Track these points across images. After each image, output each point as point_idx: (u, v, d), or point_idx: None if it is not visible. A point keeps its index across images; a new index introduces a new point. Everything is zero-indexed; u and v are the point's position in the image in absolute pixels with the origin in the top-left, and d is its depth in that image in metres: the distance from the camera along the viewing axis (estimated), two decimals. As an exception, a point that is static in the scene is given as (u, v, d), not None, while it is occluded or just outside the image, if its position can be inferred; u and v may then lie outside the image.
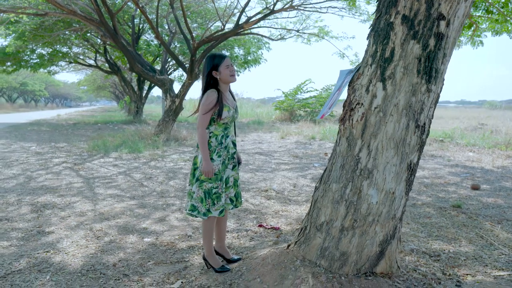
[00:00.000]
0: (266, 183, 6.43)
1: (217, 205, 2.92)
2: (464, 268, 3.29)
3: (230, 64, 2.90)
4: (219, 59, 2.91)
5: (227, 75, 2.90)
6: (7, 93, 55.11)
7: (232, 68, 2.93)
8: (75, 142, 12.02)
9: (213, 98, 2.89)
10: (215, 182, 2.91)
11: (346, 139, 2.64)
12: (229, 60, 2.93)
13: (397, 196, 2.57)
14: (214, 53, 2.98)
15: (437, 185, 6.57)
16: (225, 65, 2.89)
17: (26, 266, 3.15)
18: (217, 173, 2.92)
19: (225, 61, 2.90)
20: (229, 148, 3.04)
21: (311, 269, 2.67)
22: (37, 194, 5.52)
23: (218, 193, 2.92)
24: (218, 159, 2.94)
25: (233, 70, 2.94)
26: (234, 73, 2.94)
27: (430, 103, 2.52)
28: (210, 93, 2.91)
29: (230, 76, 2.92)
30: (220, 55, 2.95)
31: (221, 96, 2.94)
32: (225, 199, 3.01)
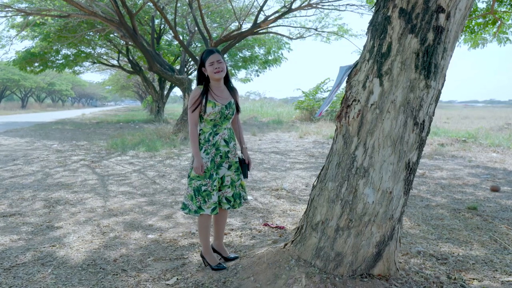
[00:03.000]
0: (278, 182, 6.39)
1: (208, 202, 2.88)
2: (472, 272, 3.16)
3: (215, 61, 2.85)
4: (206, 55, 2.89)
5: (211, 71, 2.87)
6: (36, 93, 56.89)
7: (218, 64, 2.85)
8: (96, 140, 12.28)
9: (195, 94, 2.91)
10: (204, 180, 2.89)
11: (342, 136, 2.58)
12: (217, 56, 2.87)
13: (394, 196, 2.49)
14: (207, 48, 2.98)
15: (454, 186, 6.37)
16: (209, 62, 2.86)
17: (31, 259, 3.22)
18: (206, 171, 2.90)
19: (210, 57, 2.86)
20: (218, 146, 2.97)
21: (305, 269, 2.62)
22: (52, 190, 5.66)
23: (207, 191, 2.88)
24: (206, 157, 2.92)
25: (219, 67, 2.86)
26: (219, 70, 2.86)
27: (430, 99, 2.43)
28: (194, 89, 2.96)
29: (214, 73, 2.86)
30: (208, 50, 2.91)
31: (208, 92, 2.92)
32: (218, 197, 2.96)
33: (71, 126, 18.67)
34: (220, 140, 2.98)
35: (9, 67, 35.76)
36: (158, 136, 12.09)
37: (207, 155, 2.93)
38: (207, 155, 2.93)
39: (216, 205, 2.91)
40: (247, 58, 20.55)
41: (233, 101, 3.03)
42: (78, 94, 74.14)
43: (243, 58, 20.67)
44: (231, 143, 3.05)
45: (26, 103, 52.56)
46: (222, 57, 2.93)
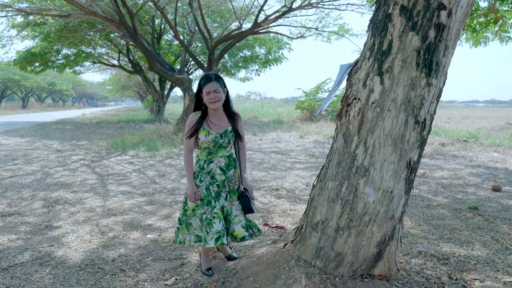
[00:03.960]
0: (278, 182, 6.36)
1: (210, 232, 2.69)
2: (473, 272, 3.14)
3: (212, 90, 2.72)
4: (203, 82, 2.77)
5: (207, 101, 2.76)
6: (37, 93, 56.92)
7: (215, 94, 2.73)
8: (96, 140, 12.26)
9: (191, 120, 2.83)
10: (202, 207, 2.78)
11: (343, 135, 2.55)
12: (214, 85, 2.74)
13: (395, 195, 2.47)
14: (206, 74, 2.84)
15: (455, 186, 6.34)
16: (205, 91, 2.75)
17: (29, 259, 3.20)
18: (203, 198, 2.79)
19: (207, 86, 2.74)
20: (214, 174, 2.84)
21: (305, 269, 2.59)
22: (51, 190, 5.64)
23: (208, 219, 2.73)
24: (201, 184, 2.83)
25: (215, 96, 2.73)
26: (215, 100, 2.74)
27: (431, 98, 2.40)
28: (191, 115, 2.87)
29: (210, 103, 2.76)
30: (207, 78, 2.79)
31: (205, 119, 2.84)
32: (221, 225, 2.73)
33: (71, 126, 18.66)
34: (215, 168, 2.86)
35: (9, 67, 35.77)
36: (159, 136, 12.07)
37: (201, 183, 2.84)
38: (201, 183, 2.84)
39: (220, 235, 2.68)
40: (247, 58, 20.51)
41: (230, 129, 2.88)
42: (78, 94, 74.16)
43: (243, 57, 20.63)
44: (229, 171, 2.90)
45: (27, 103, 52.59)
46: (221, 84, 2.80)
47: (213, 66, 12.09)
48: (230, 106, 2.96)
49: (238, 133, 2.92)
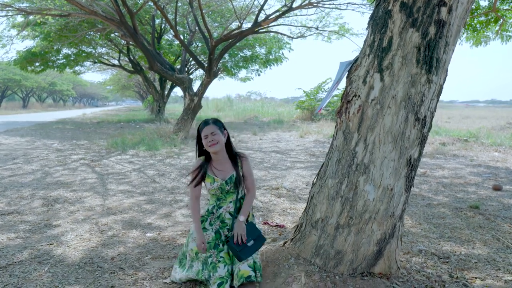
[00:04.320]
0: (278, 181, 6.35)
1: (213, 277, 2.57)
2: (474, 271, 3.12)
3: (209, 133, 2.66)
4: (201, 127, 2.72)
5: (206, 145, 2.69)
6: (37, 93, 56.93)
7: (212, 137, 2.66)
8: (96, 140, 12.25)
9: (195, 167, 2.79)
10: (209, 251, 2.68)
11: (343, 132, 2.53)
12: (211, 128, 2.67)
13: (395, 192, 2.45)
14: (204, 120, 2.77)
15: (456, 185, 6.32)
16: (203, 135, 2.70)
17: (28, 257, 3.19)
18: (210, 241, 2.70)
19: (204, 130, 2.69)
20: (223, 219, 2.78)
21: (304, 267, 2.58)
22: (51, 189, 5.63)
23: (213, 263, 2.62)
24: (210, 227, 2.78)
25: (213, 139, 2.66)
26: (213, 143, 2.66)
27: (432, 95, 2.39)
28: (195, 162, 2.83)
29: (209, 146, 2.68)
30: (204, 122, 2.73)
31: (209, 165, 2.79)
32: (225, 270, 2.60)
33: (71, 125, 18.65)
34: (224, 213, 2.80)
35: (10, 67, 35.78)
36: (159, 136, 12.06)
37: (211, 226, 2.79)
38: (211, 226, 2.79)
39: (223, 281, 2.55)
40: (247, 58, 20.48)
41: (235, 174, 2.77)
42: (79, 94, 74.18)
43: (243, 57, 20.61)
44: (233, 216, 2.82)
45: (27, 103, 52.60)
46: (219, 126, 2.73)
47: (213, 66, 12.06)
48: (232, 147, 2.85)
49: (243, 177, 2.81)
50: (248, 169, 2.82)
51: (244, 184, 2.83)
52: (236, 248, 2.56)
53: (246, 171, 2.82)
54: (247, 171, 2.82)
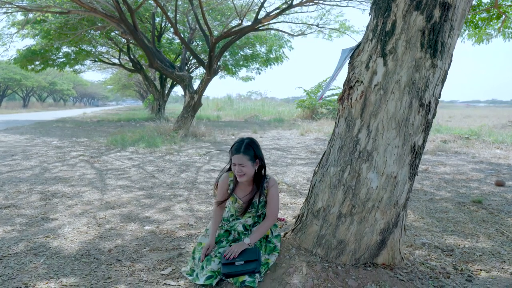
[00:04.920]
0: (279, 177, 6.28)
1: (205, 269, 2.50)
2: (479, 263, 3.06)
3: (238, 164, 2.60)
4: (233, 151, 2.67)
5: (234, 172, 2.67)
6: (38, 93, 56.91)
7: (240, 168, 2.60)
8: (96, 137, 12.20)
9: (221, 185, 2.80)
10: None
11: (345, 119, 2.47)
12: (240, 158, 2.59)
13: (399, 180, 2.39)
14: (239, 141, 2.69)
15: (458, 181, 6.26)
16: (233, 162, 2.66)
17: (24, 249, 3.13)
18: (217, 237, 2.74)
19: (234, 157, 2.64)
20: (236, 227, 2.80)
21: (306, 257, 2.52)
22: (49, 184, 5.57)
23: (210, 256, 2.58)
24: (222, 230, 2.82)
25: (241, 171, 2.61)
26: (240, 174, 2.62)
27: (436, 80, 2.33)
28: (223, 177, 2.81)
29: (236, 174, 2.65)
30: (236, 148, 2.65)
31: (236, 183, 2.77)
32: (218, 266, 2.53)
33: (71, 124, 18.60)
34: (238, 225, 2.80)
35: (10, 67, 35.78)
36: (159, 133, 12.00)
37: (222, 229, 2.82)
38: (222, 228, 2.82)
39: (213, 275, 2.46)
40: (248, 56, 20.44)
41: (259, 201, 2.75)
42: (79, 94, 74.15)
43: (244, 56, 20.56)
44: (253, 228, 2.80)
45: (28, 102, 52.54)
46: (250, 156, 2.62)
47: (213, 63, 12.00)
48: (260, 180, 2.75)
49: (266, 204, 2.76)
50: (273, 197, 2.75)
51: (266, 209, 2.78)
52: (222, 260, 2.50)
53: (271, 198, 2.75)
54: (271, 199, 2.75)
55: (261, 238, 2.71)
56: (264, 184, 2.76)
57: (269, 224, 2.72)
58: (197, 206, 4.56)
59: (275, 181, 2.79)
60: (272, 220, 2.73)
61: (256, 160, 2.68)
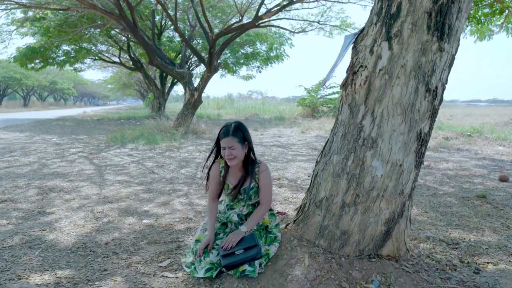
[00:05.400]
0: (280, 173, 6.21)
1: (203, 261, 2.43)
2: (485, 256, 2.98)
3: (228, 147, 2.52)
4: (221, 135, 2.58)
5: (223, 155, 2.59)
6: (38, 92, 56.84)
7: (230, 151, 2.52)
8: (95, 135, 12.13)
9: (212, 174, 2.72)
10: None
11: (348, 106, 2.39)
12: (229, 140, 2.52)
13: (405, 168, 2.31)
14: (226, 125, 2.61)
15: (461, 176, 6.18)
16: (222, 146, 2.58)
17: (19, 242, 3.05)
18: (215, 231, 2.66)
19: (223, 140, 2.56)
20: (231, 220, 2.71)
21: (308, 249, 2.44)
22: (47, 179, 5.49)
23: (206, 248, 2.52)
24: (218, 223, 2.73)
25: (231, 154, 2.52)
26: (230, 157, 2.53)
27: (443, 64, 2.24)
28: (213, 167, 2.73)
29: (226, 159, 2.57)
30: (224, 131, 2.57)
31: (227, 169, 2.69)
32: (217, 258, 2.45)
33: (71, 122, 18.52)
34: (233, 215, 2.72)
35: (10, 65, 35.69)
36: (159, 131, 11.92)
37: (218, 222, 2.74)
38: (219, 222, 2.74)
39: (212, 267, 2.40)
40: (248, 55, 20.33)
41: (252, 186, 2.66)
42: (80, 93, 74.08)
43: (244, 54, 20.45)
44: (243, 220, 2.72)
45: (28, 101, 52.44)
46: (239, 139, 2.56)
47: (213, 60, 11.92)
48: (250, 163, 2.68)
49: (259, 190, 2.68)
50: (265, 182, 2.66)
51: (259, 195, 2.69)
52: (221, 252, 2.42)
53: (263, 183, 2.66)
54: (264, 184, 2.66)
55: (260, 229, 2.64)
56: (256, 168, 2.68)
57: (264, 210, 2.64)
58: (196, 200, 4.48)
59: (267, 166, 2.71)
60: (266, 206, 2.65)
61: (245, 142, 2.61)
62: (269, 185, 2.66)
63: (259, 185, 2.67)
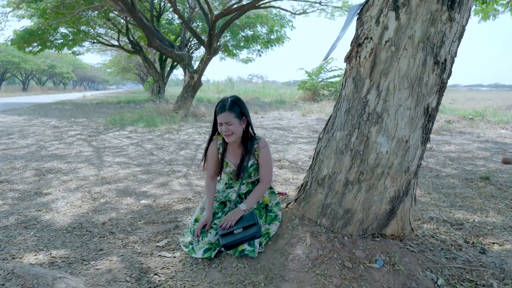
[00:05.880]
0: (280, 154, 6.12)
1: (201, 242, 2.36)
2: (491, 237, 2.92)
3: (224, 122, 2.40)
4: (218, 110, 2.45)
5: (220, 131, 2.46)
6: (37, 76, 56.41)
7: (227, 127, 2.40)
8: (94, 118, 12.03)
9: (211, 152, 2.61)
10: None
11: (353, 79, 2.28)
12: (226, 116, 2.39)
13: (411, 145, 2.22)
14: (222, 100, 2.47)
15: (464, 159, 6.10)
16: (218, 121, 2.45)
17: (14, 223, 2.98)
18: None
19: (219, 116, 2.42)
20: (230, 199, 2.63)
21: (310, 228, 2.36)
22: (44, 160, 5.42)
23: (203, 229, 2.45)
24: (216, 203, 2.65)
25: (228, 130, 2.40)
26: (227, 133, 2.41)
27: (453, 35, 2.13)
28: (211, 144, 2.62)
29: (224, 135, 2.45)
30: (221, 106, 2.44)
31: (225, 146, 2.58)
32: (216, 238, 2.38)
33: (71, 106, 18.39)
34: (232, 194, 2.63)
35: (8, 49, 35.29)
36: (158, 113, 11.81)
37: (217, 201, 2.65)
38: (217, 201, 2.65)
39: (211, 247, 2.33)
40: (249, 38, 20.05)
41: (251, 164, 2.55)
42: (79, 78, 73.60)
43: (245, 37, 20.17)
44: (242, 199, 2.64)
45: (27, 86, 52.07)
46: (236, 114, 2.42)
47: (213, 42, 11.72)
48: (249, 139, 2.55)
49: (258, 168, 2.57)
50: (265, 158, 2.55)
51: (259, 173, 2.59)
52: (219, 231, 2.33)
53: (263, 160, 2.55)
54: (263, 161, 2.55)
55: (260, 207, 2.57)
56: (255, 144, 2.56)
57: (264, 187, 2.54)
58: (195, 181, 4.41)
59: (266, 142, 2.59)
60: (266, 183, 2.55)
61: (243, 117, 2.48)
62: (269, 162, 2.55)
63: (258, 162, 2.57)
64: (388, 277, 2.04)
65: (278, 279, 2.07)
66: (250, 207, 2.45)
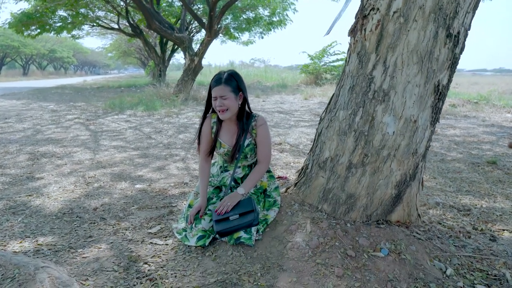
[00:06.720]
0: (281, 138, 5.97)
1: (195, 229, 2.23)
2: (500, 223, 2.78)
3: (219, 96, 2.22)
4: (212, 84, 2.27)
5: (214, 107, 2.28)
6: (37, 61, 55.98)
7: (222, 101, 2.22)
8: (93, 102, 11.86)
9: (204, 131, 2.43)
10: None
11: (357, 54, 2.11)
12: (221, 89, 2.21)
13: (419, 125, 2.06)
14: (218, 73, 2.30)
15: (469, 143, 5.93)
16: (213, 96, 2.27)
17: (2, 208, 2.86)
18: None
19: (214, 89, 2.25)
20: (225, 181, 2.48)
21: (310, 214, 2.23)
22: (40, 145, 5.29)
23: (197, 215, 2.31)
24: (211, 187, 2.47)
25: (222, 104, 2.23)
26: (222, 108, 2.24)
27: (468, 6, 1.95)
28: (205, 123, 2.43)
29: (218, 111, 2.27)
30: (216, 79, 2.26)
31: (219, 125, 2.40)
32: (210, 225, 2.25)
33: (70, 90, 18.21)
34: (227, 178, 2.46)
35: (7, 33, 34.91)
36: (158, 97, 11.63)
37: (211, 186, 2.48)
38: (212, 186, 2.48)
39: (205, 234, 2.20)
40: (250, 20, 19.68)
41: (247, 144, 2.37)
42: (80, 62, 73.02)
43: (246, 19, 19.79)
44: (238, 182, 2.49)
45: (28, 70, 51.71)
46: (232, 88, 2.25)
47: (214, 24, 11.46)
48: (245, 115, 2.37)
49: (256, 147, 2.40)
50: (263, 137, 2.35)
51: (256, 153, 2.40)
52: (214, 217, 2.19)
53: (261, 139, 2.36)
54: (262, 139, 2.35)
55: (258, 192, 2.42)
56: (252, 122, 2.37)
57: (262, 169, 2.36)
58: (193, 165, 4.27)
59: (264, 120, 2.39)
60: (265, 164, 2.36)
61: (240, 92, 2.30)
62: (268, 141, 2.37)
63: (256, 141, 2.38)
64: (394, 266, 1.91)
65: (276, 269, 1.94)
66: (248, 190, 2.30)
